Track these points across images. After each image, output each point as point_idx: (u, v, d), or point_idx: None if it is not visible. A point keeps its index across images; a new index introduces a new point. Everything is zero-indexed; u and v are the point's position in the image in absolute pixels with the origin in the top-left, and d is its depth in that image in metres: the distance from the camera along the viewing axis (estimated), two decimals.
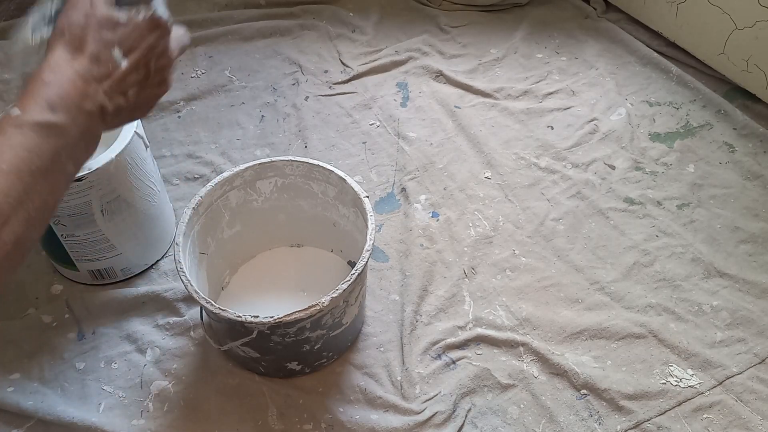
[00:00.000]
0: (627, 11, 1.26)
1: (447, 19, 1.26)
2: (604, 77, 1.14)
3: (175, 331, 0.78)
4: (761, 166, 0.98)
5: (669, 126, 1.05)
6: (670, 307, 0.81)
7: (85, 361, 0.76)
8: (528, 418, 0.72)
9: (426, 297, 0.82)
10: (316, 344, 0.69)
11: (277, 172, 0.77)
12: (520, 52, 1.19)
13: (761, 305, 0.81)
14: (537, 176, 0.97)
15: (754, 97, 1.08)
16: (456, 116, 1.06)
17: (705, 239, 0.89)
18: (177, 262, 0.66)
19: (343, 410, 0.71)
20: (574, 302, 0.82)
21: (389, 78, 1.14)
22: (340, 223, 0.80)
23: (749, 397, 0.73)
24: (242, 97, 1.10)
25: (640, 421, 0.71)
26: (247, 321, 0.61)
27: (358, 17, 1.26)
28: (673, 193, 0.95)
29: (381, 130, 1.05)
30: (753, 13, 1.01)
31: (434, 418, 0.70)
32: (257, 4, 1.28)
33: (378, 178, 0.97)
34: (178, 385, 0.74)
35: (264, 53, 1.19)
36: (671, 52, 1.18)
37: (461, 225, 0.90)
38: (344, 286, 0.63)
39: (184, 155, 1.00)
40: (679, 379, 0.74)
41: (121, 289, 0.81)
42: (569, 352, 0.77)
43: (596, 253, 0.87)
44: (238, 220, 0.79)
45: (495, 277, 0.84)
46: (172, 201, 0.91)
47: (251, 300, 0.81)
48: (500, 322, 0.80)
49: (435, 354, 0.76)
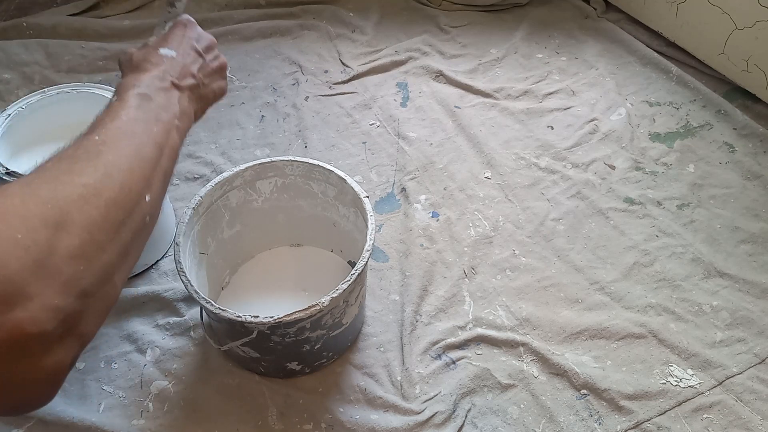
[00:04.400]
0: (627, 11, 1.26)
1: (447, 19, 1.26)
2: (604, 77, 1.14)
3: (175, 331, 0.78)
4: (761, 166, 0.98)
5: (669, 126, 1.05)
6: (670, 307, 0.81)
7: (85, 361, 0.76)
8: (528, 418, 0.72)
9: (426, 297, 0.82)
10: (316, 344, 0.69)
11: (277, 172, 0.77)
12: (520, 52, 1.19)
13: (761, 305, 0.81)
14: (537, 176, 0.97)
15: (754, 97, 1.08)
16: (456, 116, 1.06)
17: (705, 239, 0.89)
18: (177, 262, 0.66)
19: (343, 410, 0.71)
20: (574, 302, 0.82)
21: (389, 78, 1.14)
22: (340, 223, 0.80)
23: (749, 397, 0.73)
24: (242, 97, 1.10)
25: (640, 421, 0.71)
26: (247, 321, 0.61)
27: (358, 17, 1.26)
28: (673, 193, 0.95)
29: (381, 130, 1.05)
30: (753, 13, 1.01)
31: (434, 418, 0.70)
32: (257, 4, 1.28)
33: (378, 178, 0.97)
34: (178, 385, 0.74)
35: (264, 53, 1.19)
36: (671, 52, 1.18)
37: (461, 225, 0.90)
38: (344, 286, 0.63)
39: (184, 155, 1.00)
40: (679, 379, 0.74)
41: (121, 289, 0.81)
42: (569, 352, 0.77)
43: (596, 253, 0.87)
44: (238, 220, 0.79)
45: (495, 277, 0.84)
46: (172, 201, 0.91)
47: (251, 300, 0.80)
48: (500, 322, 0.80)
49: (435, 354, 0.76)
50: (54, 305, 0.33)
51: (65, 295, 0.34)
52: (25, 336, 0.31)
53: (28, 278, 0.32)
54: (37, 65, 1.12)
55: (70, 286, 0.34)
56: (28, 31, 1.19)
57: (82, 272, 0.35)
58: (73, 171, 0.39)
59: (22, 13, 1.24)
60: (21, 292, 0.32)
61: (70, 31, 1.19)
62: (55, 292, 0.33)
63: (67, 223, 0.35)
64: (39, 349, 0.33)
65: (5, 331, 0.31)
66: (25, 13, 1.24)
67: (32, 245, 0.33)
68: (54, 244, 0.34)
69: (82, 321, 0.35)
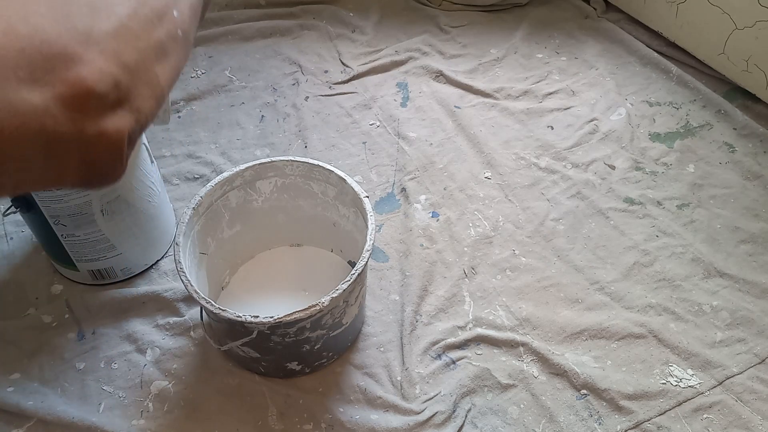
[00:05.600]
0: (627, 11, 1.26)
1: (447, 19, 1.26)
2: (604, 77, 1.14)
3: (175, 331, 0.78)
4: (761, 166, 0.98)
5: (669, 126, 1.05)
6: (670, 307, 0.81)
7: (85, 361, 0.76)
8: (528, 418, 0.72)
9: (426, 297, 0.82)
10: (316, 344, 0.69)
11: (277, 172, 0.77)
12: (520, 52, 1.19)
13: (761, 305, 0.81)
14: (537, 176, 0.97)
15: (754, 97, 1.08)
16: (456, 116, 1.06)
17: (705, 239, 0.89)
18: (177, 262, 0.66)
19: (343, 410, 0.71)
20: (574, 302, 0.82)
21: (389, 78, 1.14)
22: (340, 223, 0.80)
23: (749, 397, 0.73)
24: (242, 97, 1.10)
25: (640, 421, 0.71)
26: (247, 321, 0.61)
27: (358, 17, 1.26)
28: (673, 193, 0.95)
29: (381, 130, 1.05)
30: (753, 13, 1.01)
31: (434, 418, 0.70)
32: (257, 4, 1.28)
33: (378, 178, 0.97)
34: (178, 385, 0.74)
35: (264, 53, 1.19)
36: (671, 52, 1.18)
37: (461, 225, 0.90)
38: (344, 286, 0.63)
39: (184, 155, 1.00)
40: (679, 379, 0.74)
41: (121, 289, 0.82)
42: (569, 352, 0.77)
43: (596, 253, 0.87)
44: (238, 220, 0.79)
45: (495, 277, 0.84)
46: (172, 201, 0.91)
47: (251, 300, 0.81)
48: (500, 322, 0.80)
49: (435, 354, 0.76)
50: (104, 69, 0.35)
51: (111, 63, 0.36)
52: (86, 90, 0.34)
53: (80, 46, 0.34)
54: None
55: (113, 56, 0.36)
56: None
57: (123, 48, 0.37)
58: None
59: None
60: (75, 54, 0.34)
61: None
62: (103, 59, 0.35)
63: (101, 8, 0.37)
64: (99, 109, 0.35)
65: (69, 85, 0.33)
66: None
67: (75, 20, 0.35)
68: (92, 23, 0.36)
69: (133, 95, 0.37)
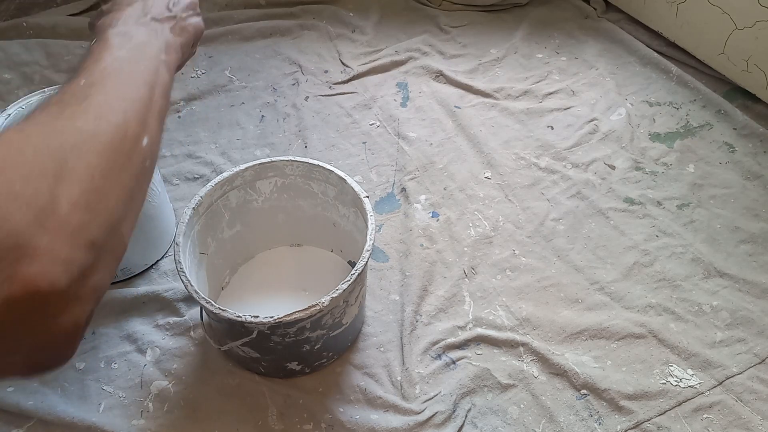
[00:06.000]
0: (627, 11, 1.26)
1: (447, 19, 1.26)
2: (604, 77, 1.14)
3: (175, 331, 0.78)
4: (761, 166, 0.98)
5: (669, 126, 1.05)
6: (670, 307, 0.81)
7: (85, 361, 0.76)
8: (528, 418, 0.72)
9: (426, 297, 0.82)
10: (316, 344, 0.69)
11: (277, 172, 0.77)
12: (520, 52, 1.19)
13: (761, 305, 0.81)
14: (537, 176, 0.97)
15: (754, 97, 1.08)
16: (456, 116, 1.06)
17: (705, 239, 0.89)
18: (177, 262, 0.66)
19: (343, 410, 0.71)
20: (574, 302, 0.82)
21: (389, 78, 1.14)
22: (340, 223, 0.80)
23: (749, 397, 0.73)
24: (242, 97, 1.10)
25: (640, 421, 0.71)
26: (247, 321, 0.61)
27: (358, 17, 1.26)
28: (673, 193, 0.95)
29: (381, 130, 1.05)
30: (753, 13, 1.01)
31: (434, 418, 0.70)
32: (257, 4, 1.28)
33: (378, 178, 0.97)
34: (178, 385, 0.74)
35: (264, 53, 1.19)
36: (671, 52, 1.18)
37: (461, 225, 0.90)
38: (344, 286, 0.63)
39: (184, 155, 1.00)
40: (679, 379, 0.74)
41: (121, 289, 0.81)
42: (569, 352, 0.77)
43: (596, 253, 0.87)
44: (238, 220, 0.79)
45: (495, 277, 0.84)
46: (172, 201, 0.91)
47: (251, 300, 0.80)
48: (500, 322, 0.80)
49: (435, 354, 0.76)
50: (64, 258, 0.31)
51: (74, 247, 0.32)
52: (39, 291, 0.30)
53: (34, 231, 0.31)
54: (37, 65, 1.12)
55: (77, 236, 0.33)
56: (28, 31, 1.19)
57: (87, 221, 0.33)
58: (64, 116, 0.38)
59: (22, 13, 1.24)
60: (28, 246, 0.30)
61: (70, 31, 1.19)
62: (63, 244, 0.31)
63: (67, 171, 0.33)
64: (54, 306, 0.32)
65: (18, 286, 0.30)
66: (25, 13, 1.24)
67: (33, 197, 0.31)
68: (56, 194, 0.32)
69: (94, 274, 0.34)
